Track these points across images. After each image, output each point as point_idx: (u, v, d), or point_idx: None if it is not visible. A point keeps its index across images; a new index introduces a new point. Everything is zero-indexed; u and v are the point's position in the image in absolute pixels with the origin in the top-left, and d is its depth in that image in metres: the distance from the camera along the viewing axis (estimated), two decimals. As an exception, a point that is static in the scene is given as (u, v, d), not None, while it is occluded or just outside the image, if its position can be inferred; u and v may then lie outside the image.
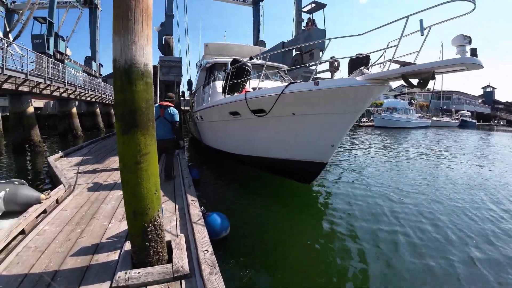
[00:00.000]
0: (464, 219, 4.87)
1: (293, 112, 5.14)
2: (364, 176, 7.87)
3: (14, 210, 3.76)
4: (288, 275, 3.28)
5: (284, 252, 3.76)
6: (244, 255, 3.63)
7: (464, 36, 3.33)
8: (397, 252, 3.76)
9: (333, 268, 3.46)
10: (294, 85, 4.83)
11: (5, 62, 10.54)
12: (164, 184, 5.06)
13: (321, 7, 17.09)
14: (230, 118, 6.53)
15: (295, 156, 5.77)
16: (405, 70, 3.65)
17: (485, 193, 6.41)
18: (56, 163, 6.84)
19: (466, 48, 3.32)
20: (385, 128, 31.40)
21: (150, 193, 2.32)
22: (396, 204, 5.51)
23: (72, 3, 26.36)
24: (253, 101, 5.45)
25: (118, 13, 2.11)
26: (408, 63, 3.99)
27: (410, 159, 11.02)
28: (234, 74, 6.24)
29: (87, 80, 21.07)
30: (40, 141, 13.07)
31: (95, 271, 2.45)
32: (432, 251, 3.79)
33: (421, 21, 3.67)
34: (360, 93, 4.40)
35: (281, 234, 4.29)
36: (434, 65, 3.40)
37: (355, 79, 4.22)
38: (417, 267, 3.42)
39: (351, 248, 3.88)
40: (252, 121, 5.89)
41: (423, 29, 3.71)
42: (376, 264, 3.50)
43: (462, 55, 3.30)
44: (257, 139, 6.36)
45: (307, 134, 5.32)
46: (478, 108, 57.65)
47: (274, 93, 5.00)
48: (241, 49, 12.41)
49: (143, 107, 2.24)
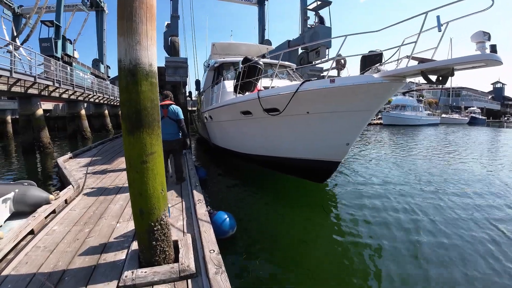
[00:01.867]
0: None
1: (307, 110, 5.06)
2: (369, 174, 7.80)
3: (24, 210, 3.82)
4: (295, 275, 3.26)
5: (292, 252, 3.74)
6: (251, 255, 3.62)
7: (483, 32, 3.29)
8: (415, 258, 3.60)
9: (343, 269, 3.40)
10: (309, 83, 4.74)
11: (14, 65, 10.71)
12: (170, 183, 5.08)
13: (327, 4, 16.95)
14: (242, 118, 6.46)
15: (308, 155, 5.69)
16: (425, 67, 3.58)
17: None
18: (65, 164, 6.94)
19: (486, 44, 3.29)
20: (393, 126, 31.07)
21: (157, 192, 2.33)
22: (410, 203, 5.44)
23: (79, 6, 26.60)
24: (267, 99, 5.38)
25: (122, 14, 2.12)
26: (426, 60, 3.94)
27: (424, 157, 10.89)
28: (246, 73, 6.20)
29: (95, 82, 21.32)
30: (49, 143, 13.27)
31: (103, 270, 2.47)
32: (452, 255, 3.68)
33: (438, 17, 3.61)
34: (378, 90, 4.32)
35: (288, 234, 4.26)
36: (454, 62, 3.35)
37: (372, 76, 4.14)
38: (437, 275, 3.27)
39: (363, 249, 3.79)
40: (265, 120, 5.81)
41: (440, 25, 3.65)
42: (393, 268, 3.39)
43: (482, 51, 3.26)
44: (269, 138, 6.27)
45: (321, 133, 5.24)
46: (487, 104, 56.65)
47: (288, 91, 4.92)
48: (249, 48, 12.33)
49: (149, 107, 2.24)
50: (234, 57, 11.66)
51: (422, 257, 3.56)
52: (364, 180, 7.15)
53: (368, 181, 7.00)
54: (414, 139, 18.15)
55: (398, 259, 3.51)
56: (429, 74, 3.60)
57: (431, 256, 3.59)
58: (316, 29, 16.79)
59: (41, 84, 12.70)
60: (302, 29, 18.48)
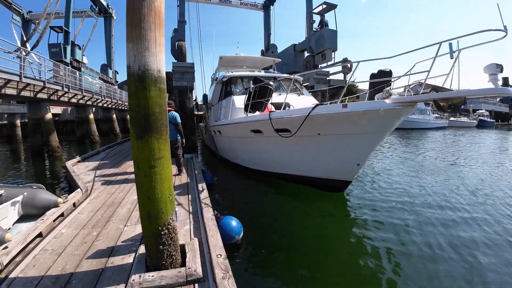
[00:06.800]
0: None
1: (318, 132, 5.15)
2: (381, 178, 7.73)
3: (32, 213, 3.88)
4: (302, 281, 3.23)
5: (299, 258, 3.70)
6: (258, 260, 3.61)
7: (496, 64, 3.38)
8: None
9: (355, 278, 3.32)
10: (321, 107, 4.83)
11: (23, 70, 10.92)
12: (178, 187, 5.15)
13: (332, 7, 17.00)
14: (252, 135, 6.61)
15: (319, 174, 5.79)
16: (437, 96, 3.63)
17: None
18: (74, 168, 7.02)
19: (498, 76, 3.38)
20: (401, 129, 30.74)
21: (164, 196, 2.34)
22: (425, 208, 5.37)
23: (88, 12, 27.08)
24: (278, 121, 5.51)
25: (131, 21, 2.15)
26: (439, 88, 4.06)
27: (432, 164, 10.76)
28: (257, 93, 6.41)
29: (104, 87, 21.61)
30: (58, 146, 13.46)
31: (110, 273, 2.48)
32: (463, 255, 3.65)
33: (451, 44, 3.66)
34: (389, 115, 4.36)
35: (296, 239, 4.23)
36: (467, 94, 3.38)
37: (384, 102, 4.17)
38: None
39: (374, 257, 3.70)
40: (275, 139, 5.92)
41: (453, 53, 3.69)
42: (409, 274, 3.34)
43: (494, 83, 3.38)
44: (279, 156, 6.40)
45: (332, 154, 5.32)
46: (496, 107, 55.88)
47: (300, 114, 5.01)
48: (255, 61, 12.59)
49: (157, 112, 2.27)
50: (241, 70, 11.94)
51: (435, 257, 3.51)
52: (372, 182, 7.08)
53: (378, 184, 6.93)
54: (423, 142, 17.95)
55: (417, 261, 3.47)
56: (441, 102, 3.63)
57: (448, 256, 3.55)
58: (322, 32, 16.89)
59: (50, 89, 12.94)
60: (308, 33, 18.53)
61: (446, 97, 3.55)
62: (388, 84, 5.00)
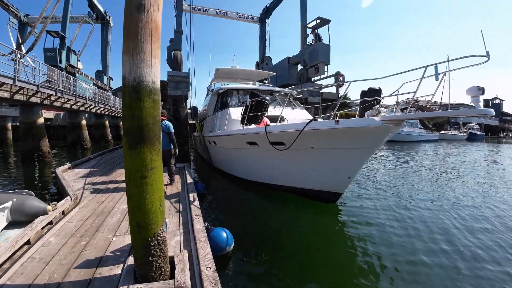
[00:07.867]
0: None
1: (312, 146, 5.38)
2: (374, 187, 7.79)
3: (21, 220, 3.81)
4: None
5: (290, 270, 3.69)
6: (248, 272, 3.59)
7: (478, 87, 3.63)
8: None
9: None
10: (315, 122, 5.11)
11: (17, 73, 10.85)
12: (169, 197, 5.13)
13: (326, 23, 17.46)
14: (247, 147, 6.80)
15: (311, 186, 6.01)
16: (423, 116, 3.96)
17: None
18: (64, 175, 6.94)
19: (480, 98, 3.63)
20: (391, 142, 31.11)
21: (155, 207, 2.34)
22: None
23: (85, 18, 27.12)
24: (273, 134, 5.75)
25: (128, 34, 2.20)
26: (425, 108, 4.50)
27: (426, 175, 10.90)
28: (253, 107, 6.66)
29: (97, 93, 21.52)
30: (49, 152, 13.30)
31: (98, 284, 2.46)
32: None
33: (436, 67, 3.98)
34: (379, 132, 4.64)
35: (287, 250, 4.23)
36: (450, 114, 3.71)
37: (374, 120, 4.42)
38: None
39: (365, 272, 3.71)
40: (270, 151, 6.13)
41: (438, 75, 3.98)
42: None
43: (476, 105, 3.64)
44: (273, 168, 6.61)
45: (325, 167, 5.55)
46: (486, 120, 57.09)
47: (295, 129, 5.26)
48: (250, 74, 12.92)
49: (150, 123, 2.29)
50: (237, 82, 12.31)
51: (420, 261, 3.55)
52: (367, 190, 7.13)
53: (371, 192, 6.98)
54: (413, 154, 18.18)
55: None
56: (427, 121, 3.94)
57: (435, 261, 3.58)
58: (315, 46, 17.30)
59: (43, 93, 12.84)
60: (302, 46, 18.88)
61: (431, 117, 3.83)
62: (377, 101, 5.27)
